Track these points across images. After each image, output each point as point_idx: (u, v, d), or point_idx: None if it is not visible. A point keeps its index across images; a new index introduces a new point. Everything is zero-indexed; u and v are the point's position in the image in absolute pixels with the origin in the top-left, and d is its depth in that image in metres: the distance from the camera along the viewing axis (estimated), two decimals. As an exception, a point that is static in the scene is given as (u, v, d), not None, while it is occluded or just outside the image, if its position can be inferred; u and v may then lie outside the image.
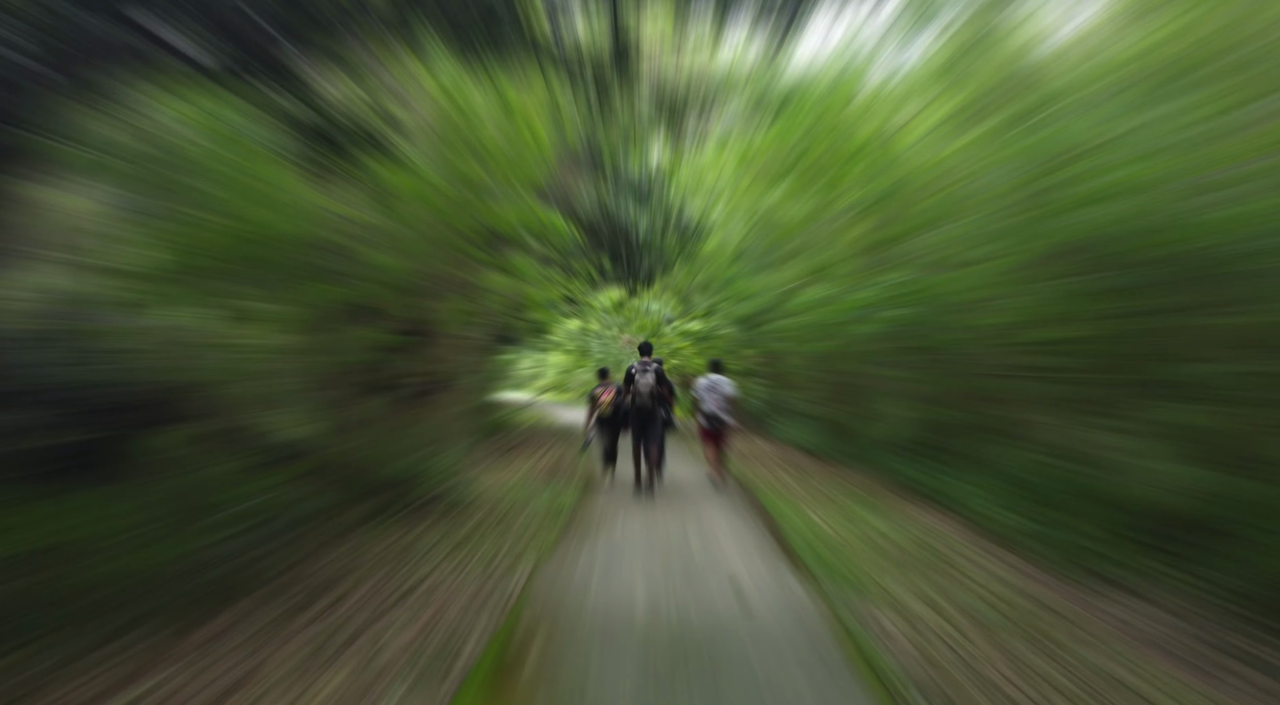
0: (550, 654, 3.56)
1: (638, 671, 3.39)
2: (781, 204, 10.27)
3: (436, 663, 3.52)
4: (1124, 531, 4.96)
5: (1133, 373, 6.30)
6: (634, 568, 5.05)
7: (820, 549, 5.50)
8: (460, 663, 3.53)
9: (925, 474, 7.69)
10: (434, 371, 6.45)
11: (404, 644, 3.83)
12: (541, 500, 7.64)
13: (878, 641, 3.82)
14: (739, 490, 8.17)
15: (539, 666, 3.44)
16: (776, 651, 3.57)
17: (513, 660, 3.51)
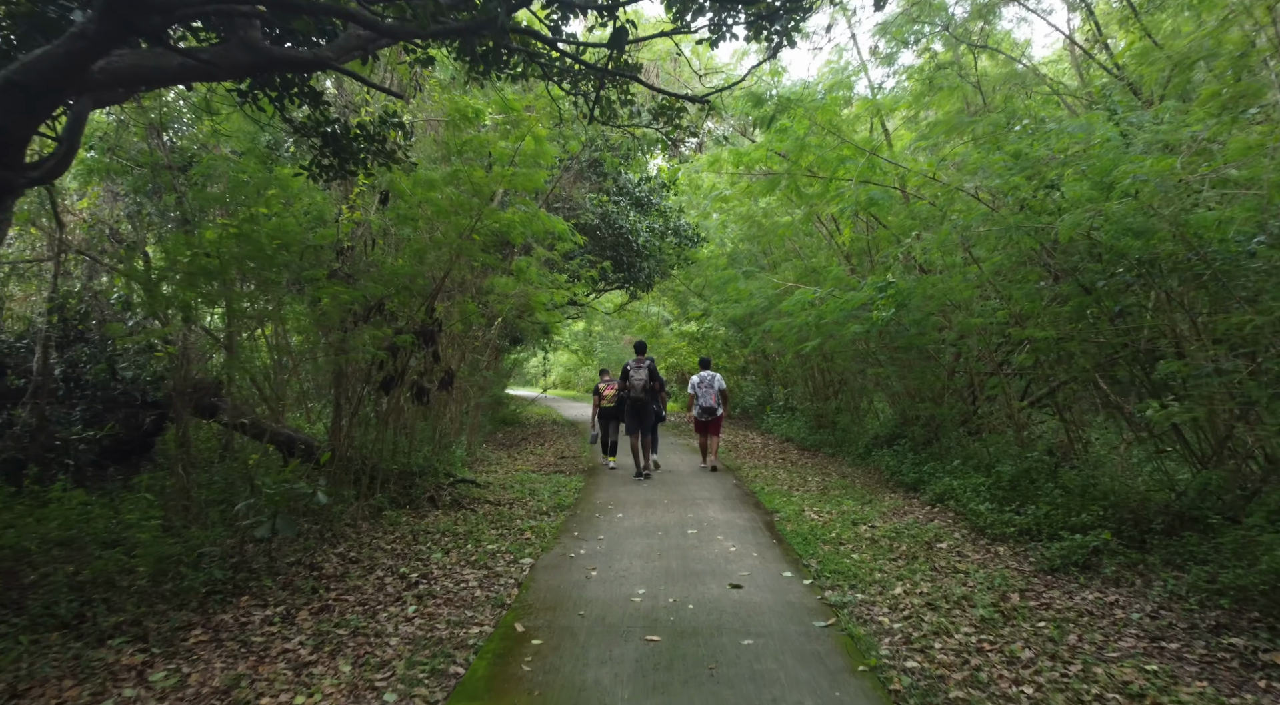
0: (546, 656, 3.18)
1: (636, 660, 3.02)
2: (774, 210, 9.88)
3: (437, 660, 3.15)
4: (1108, 525, 4.59)
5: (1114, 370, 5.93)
6: (633, 566, 4.67)
7: (815, 544, 5.13)
8: (461, 657, 3.16)
9: (911, 468, 7.31)
10: (443, 370, 6.07)
11: (404, 637, 3.46)
12: (545, 491, 7.26)
13: (866, 627, 3.45)
14: (735, 485, 7.79)
15: (536, 673, 3.06)
16: (776, 655, 3.20)
17: (512, 659, 3.14)
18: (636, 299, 17.64)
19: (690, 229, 12.67)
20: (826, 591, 4.13)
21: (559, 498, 6.96)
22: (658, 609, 3.82)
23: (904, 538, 5.29)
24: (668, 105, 5.39)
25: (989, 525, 5.30)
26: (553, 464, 9.44)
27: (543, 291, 7.44)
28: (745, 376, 16.65)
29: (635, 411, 8.16)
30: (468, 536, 5.51)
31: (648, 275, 13.53)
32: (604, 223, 10.95)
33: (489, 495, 7.13)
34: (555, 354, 37.79)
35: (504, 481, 7.95)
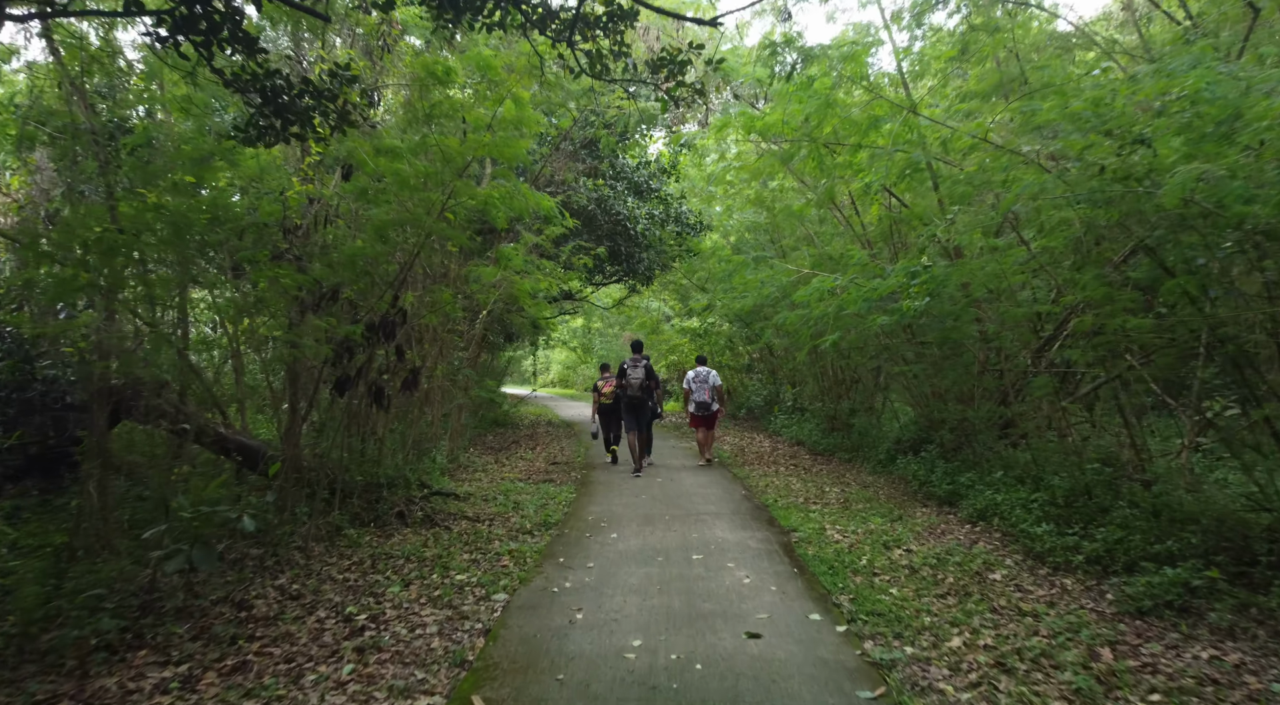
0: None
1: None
2: (784, 193, 9.05)
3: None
4: (1202, 554, 3.79)
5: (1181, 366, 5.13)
6: (628, 605, 3.88)
7: (844, 574, 4.32)
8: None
9: (943, 478, 6.50)
10: (408, 368, 5.29)
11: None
12: (531, 505, 6.47)
13: (925, 700, 2.66)
14: (744, 495, 6.99)
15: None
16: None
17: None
18: (636, 293, 16.83)
19: (692, 216, 11.86)
20: (866, 642, 3.32)
21: (546, 512, 6.16)
22: (657, 670, 3.03)
23: (948, 565, 4.49)
24: (669, 55, 4.58)
25: (1048, 551, 4.50)
26: (543, 471, 8.64)
27: (528, 279, 6.62)
28: (750, 375, 15.85)
29: (632, 409, 8.35)
30: (435, 563, 4.71)
31: (647, 267, 12.72)
32: (599, 208, 10.14)
33: (467, 509, 6.34)
34: (553, 352, 37.10)
35: (487, 491, 7.15)
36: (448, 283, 7.12)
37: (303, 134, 4.70)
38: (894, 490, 7.00)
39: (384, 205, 5.28)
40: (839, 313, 6.23)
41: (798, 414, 12.17)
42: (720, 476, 8.14)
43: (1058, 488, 5.15)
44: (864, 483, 7.47)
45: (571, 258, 8.60)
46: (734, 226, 11.28)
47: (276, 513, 5.04)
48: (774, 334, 7.26)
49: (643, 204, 10.99)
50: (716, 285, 11.24)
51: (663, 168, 12.01)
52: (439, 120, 5.46)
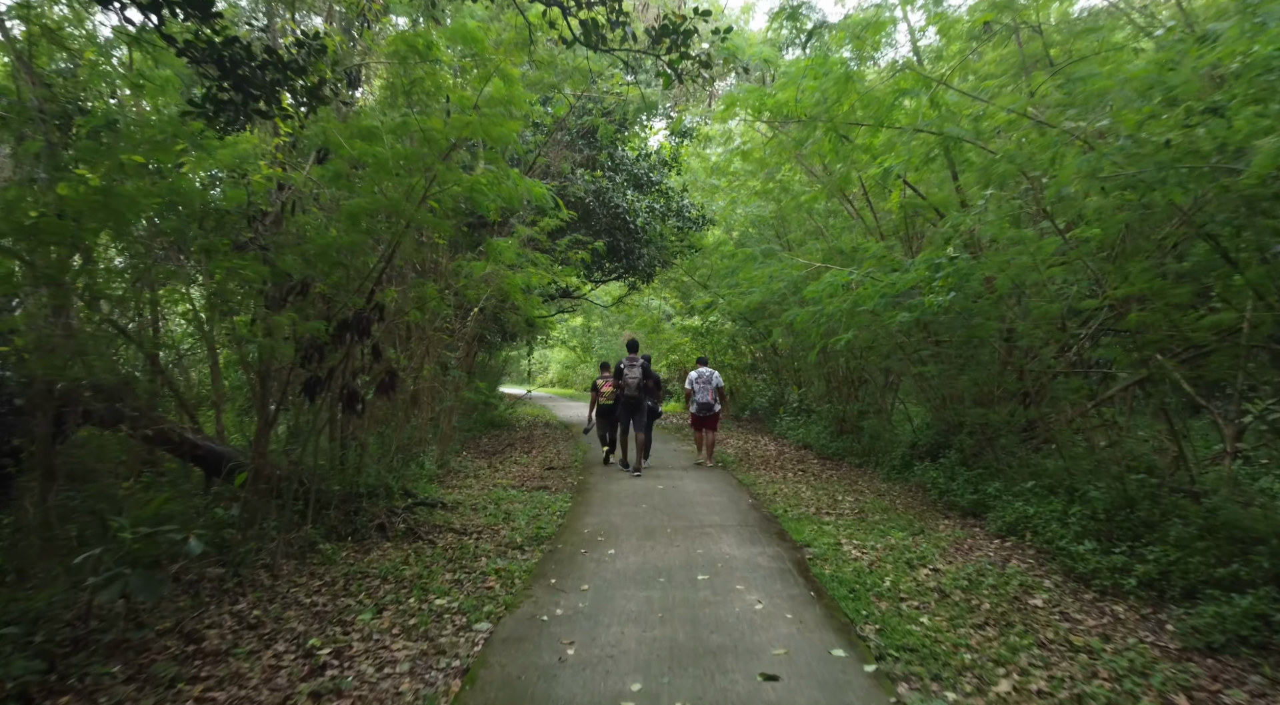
0: None
1: None
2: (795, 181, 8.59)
3: None
4: (1269, 579, 3.35)
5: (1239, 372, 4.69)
6: (626, 638, 3.44)
7: (867, 599, 3.89)
8: None
9: (966, 487, 6.06)
10: (384, 369, 4.85)
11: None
12: (523, 515, 6.03)
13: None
14: (750, 504, 6.55)
15: None
16: None
17: None
18: (636, 291, 16.40)
19: (694, 210, 11.41)
20: (901, 686, 2.89)
21: (538, 524, 5.72)
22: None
23: (981, 588, 4.05)
24: (672, 24, 4.14)
25: (1093, 572, 4.06)
26: (538, 477, 8.20)
27: (520, 274, 6.17)
28: (754, 375, 15.41)
29: (629, 409, 8.27)
30: (414, 584, 4.27)
31: (647, 263, 12.28)
32: (597, 200, 9.69)
33: (454, 520, 5.90)
34: (552, 351, 36.65)
35: (477, 500, 6.71)
36: (437, 278, 6.69)
37: (268, 111, 4.27)
38: (912, 499, 6.56)
39: (360, 191, 4.84)
40: (853, 309, 5.79)
41: (804, 415, 11.73)
42: (725, 483, 7.71)
43: (1096, 500, 4.71)
44: (878, 490, 7.03)
45: (568, 252, 8.16)
46: (738, 220, 10.83)
47: (241, 528, 4.60)
48: (783, 333, 6.81)
49: (643, 197, 10.55)
50: (720, 282, 10.81)
51: (663, 160, 11.57)
52: (421, 99, 5.02)
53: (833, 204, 8.44)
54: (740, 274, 8.35)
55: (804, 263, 6.94)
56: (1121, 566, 3.95)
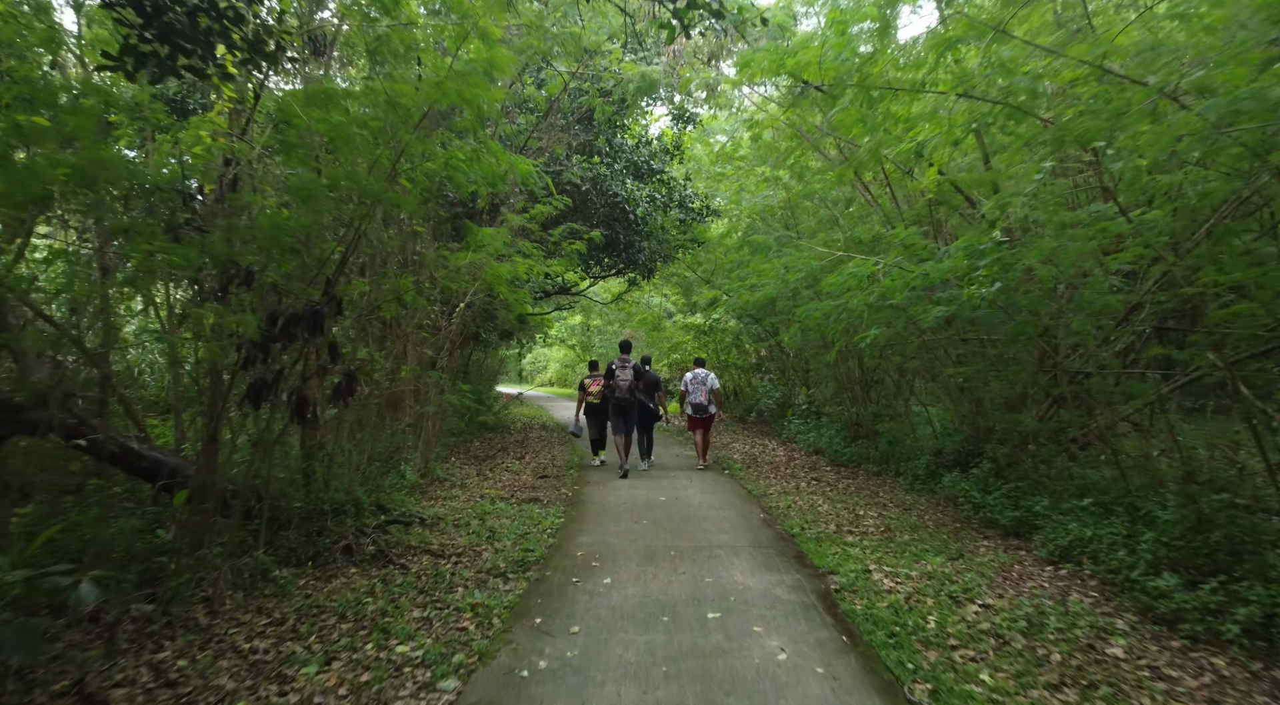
0: None
1: None
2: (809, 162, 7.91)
3: None
4: None
5: None
6: (623, 701, 2.81)
7: (911, 647, 3.25)
8: None
9: (1004, 502, 5.42)
10: (343, 371, 4.22)
11: None
12: (509, 533, 5.40)
13: None
14: (762, 519, 5.92)
15: None
16: None
17: None
18: (636, 288, 15.76)
19: (698, 200, 10.76)
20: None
21: (526, 545, 5.09)
22: None
23: (1045, 631, 3.42)
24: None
25: (1177, 613, 3.43)
26: (529, 486, 7.57)
27: (505, 264, 5.53)
28: (760, 375, 14.78)
29: (620, 411, 8.12)
30: (375, 624, 3.64)
31: (648, 258, 11.64)
32: (594, 188, 9.05)
33: (432, 539, 5.27)
34: (551, 350, 36.03)
35: (461, 514, 6.09)
36: (421, 270, 6.05)
37: (200, 67, 3.64)
38: (941, 515, 5.92)
39: (315, 166, 4.20)
40: (880, 303, 5.14)
41: (813, 418, 11.10)
42: (733, 494, 7.07)
43: (1165, 521, 4.07)
44: (903, 504, 6.39)
45: (562, 243, 7.52)
46: (744, 211, 10.18)
47: (175, 556, 3.97)
48: (798, 330, 6.15)
49: (643, 186, 9.91)
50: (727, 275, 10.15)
51: (665, 148, 10.93)
52: (388, 61, 4.38)
53: (847, 190, 7.80)
54: (750, 265, 7.69)
55: (824, 251, 6.28)
56: (1215, 607, 3.32)
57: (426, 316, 6.47)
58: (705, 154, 11.80)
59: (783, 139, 8.12)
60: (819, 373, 12.58)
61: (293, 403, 3.78)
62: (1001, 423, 6.18)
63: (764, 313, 11.85)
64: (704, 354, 17.29)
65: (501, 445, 11.29)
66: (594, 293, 19.23)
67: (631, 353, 8.31)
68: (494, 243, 5.38)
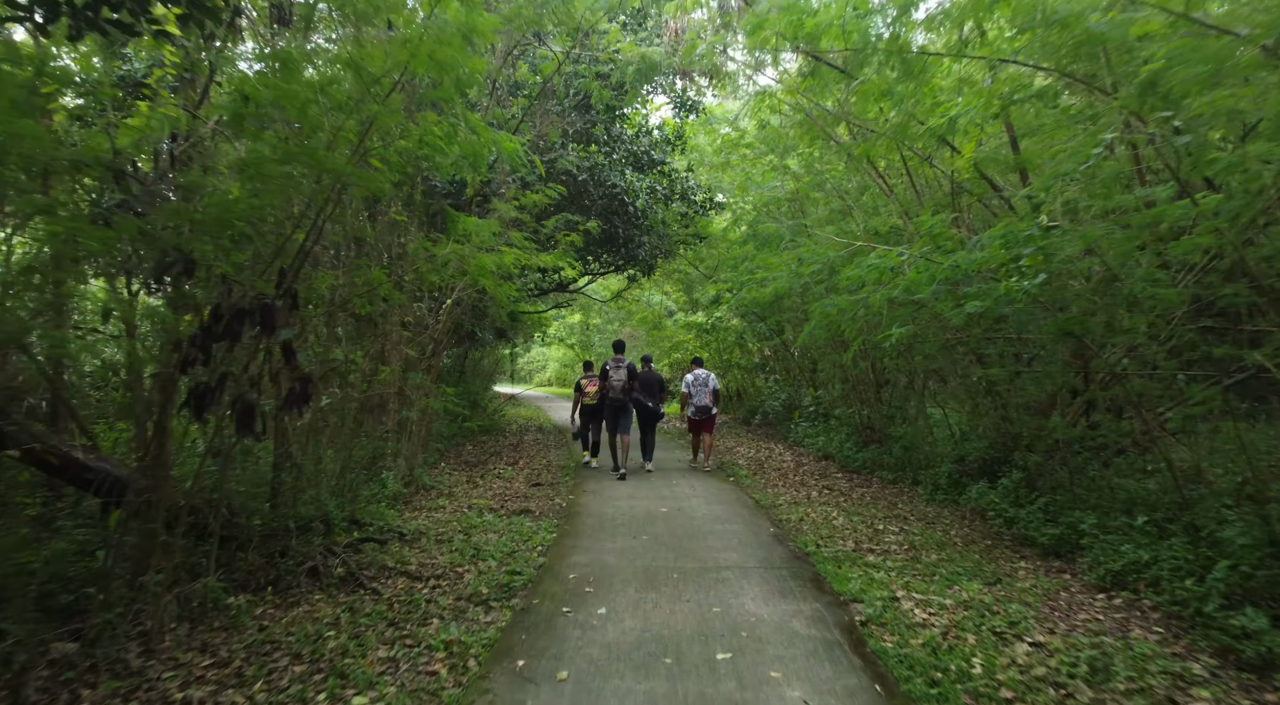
0: None
1: None
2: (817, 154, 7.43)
3: None
4: None
5: None
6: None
7: (958, 701, 2.76)
8: None
9: (1039, 516, 4.93)
10: (298, 375, 3.73)
11: None
12: (496, 552, 4.91)
13: None
14: (773, 534, 5.43)
15: None
16: None
17: None
18: (635, 284, 15.27)
19: (701, 192, 10.26)
20: None
21: (513, 566, 4.60)
22: None
23: (1114, 679, 2.93)
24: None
25: (1268, 658, 2.93)
26: (521, 495, 7.08)
27: (491, 255, 5.04)
28: (765, 375, 14.28)
29: (615, 411, 8.13)
30: (332, 666, 3.16)
31: (649, 253, 11.16)
32: (591, 178, 8.55)
33: (410, 559, 4.79)
34: (550, 349, 35.51)
35: (444, 528, 5.61)
36: (402, 262, 5.56)
37: (129, 23, 3.16)
38: (969, 530, 5.43)
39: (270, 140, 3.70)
40: (903, 298, 4.65)
41: (821, 421, 10.60)
42: (739, 504, 6.59)
43: (1239, 545, 3.58)
44: (925, 517, 5.90)
45: (557, 235, 7.02)
46: (751, 200, 9.67)
47: (108, 582, 3.48)
48: (815, 328, 5.63)
49: (643, 177, 9.41)
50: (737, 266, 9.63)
51: (666, 138, 10.43)
52: (354, 24, 3.89)
53: (860, 179, 7.30)
54: (757, 259, 7.18)
55: (841, 240, 5.77)
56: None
57: (409, 313, 5.98)
58: (709, 144, 11.30)
59: (791, 126, 7.62)
60: (827, 373, 12.09)
61: (235, 410, 3.28)
62: (1030, 428, 5.69)
63: (769, 310, 11.37)
64: (705, 354, 16.83)
65: (495, 449, 10.80)
66: (592, 290, 18.75)
67: (626, 352, 8.27)
68: (480, 232, 4.89)
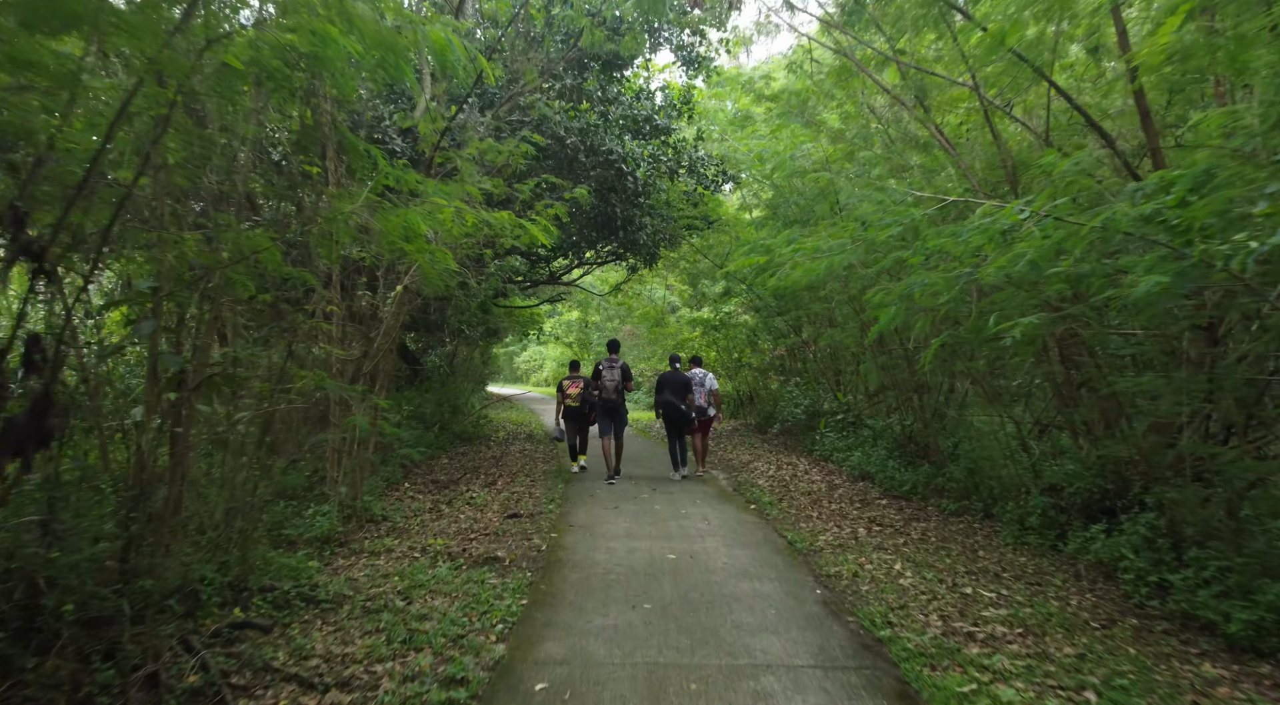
0: None
1: None
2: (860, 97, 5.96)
3: None
4: None
5: None
6: None
7: None
8: None
9: (1208, 587, 3.49)
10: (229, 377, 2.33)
11: None
12: (436, 634, 3.48)
13: None
14: (814, 586, 3.99)
15: None
16: None
17: None
18: (635, 275, 13.82)
19: (712, 165, 8.81)
20: None
21: (455, 666, 3.15)
22: None
23: None
24: None
25: None
26: (492, 533, 5.65)
27: (412, 208, 3.56)
28: (784, 377, 12.84)
29: (608, 413, 7.95)
30: None
31: (650, 237, 9.71)
32: (583, 143, 7.11)
33: (312, 647, 3.35)
34: (547, 347, 34.04)
35: (379, 586, 4.19)
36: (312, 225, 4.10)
37: None
38: (1096, 598, 3.97)
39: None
40: (1026, 273, 3.20)
41: (852, 431, 9.15)
42: (768, 545, 5.16)
43: None
44: (1022, 572, 4.44)
45: (535, 203, 5.55)
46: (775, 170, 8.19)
47: None
48: (899, 313, 4.14)
49: (645, 145, 7.96)
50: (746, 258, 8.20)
51: (671, 103, 8.98)
52: None
53: (923, 133, 5.84)
54: (781, 238, 5.64)
55: (932, 196, 4.25)
56: None
57: (333, 301, 4.56)
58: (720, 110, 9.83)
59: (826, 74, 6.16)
60: (851, 376, 10.66)
61: None
62: (1145, 451, 4.25)
63: (790, 303, 9.94)
64: (713, 353, 15.43)
65: (474, 463, 9.36)
66: (589, 284, 17.31)
67: (625, 352, 7.29)
68: (406, 179, 3.45)
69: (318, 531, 5.04)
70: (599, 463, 8.52)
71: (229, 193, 3.25)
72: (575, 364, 8.68)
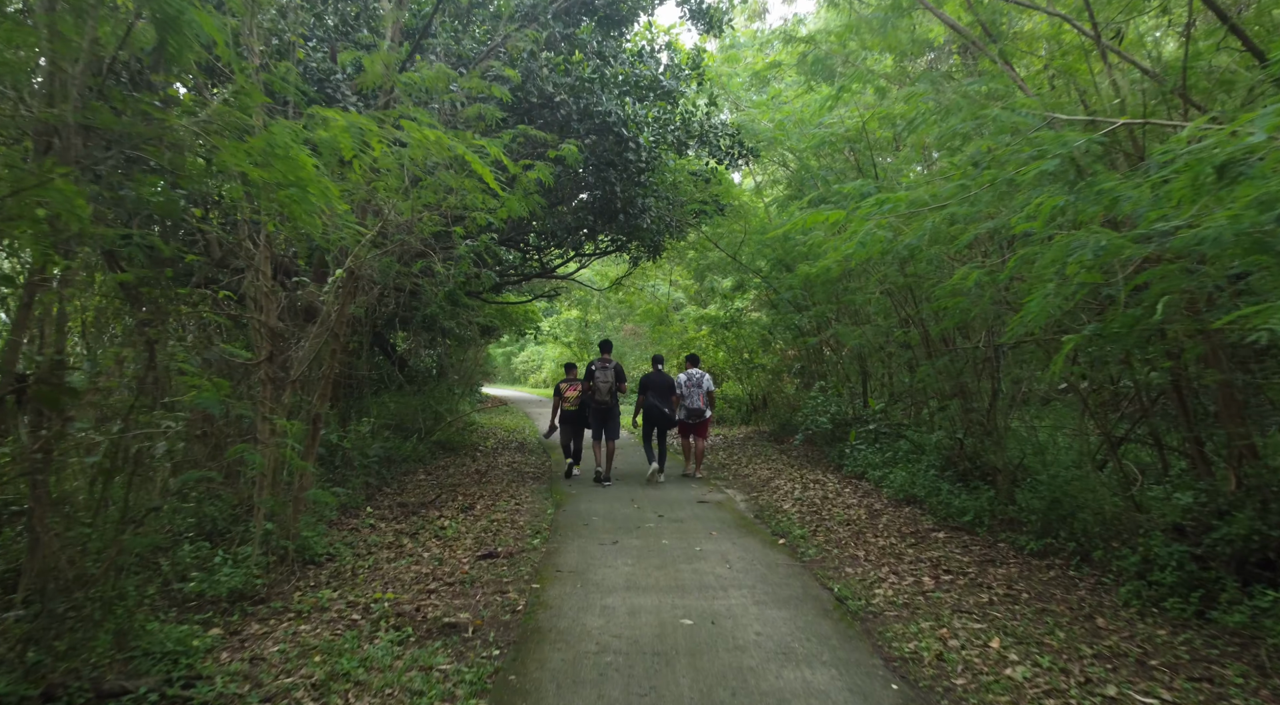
0: None
1: None
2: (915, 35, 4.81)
3: None
4: None
5: None
6: None
7: None
8: None
9: None
10: None
11: None
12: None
13: None
14: (887, 681, 2.84)
15: None
16: None
17: None
18: (638, 267, 12.64)
19: (726, 136, 7.64)
20: None
21: None
22: None
23: None
24: None
25: None
26: (458, 581, 4.49)
27: (281, 124, 2.38)
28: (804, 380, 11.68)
29: (600, 416, 7.76)
30: None
31: (654, 223, 8.55)
32: (574, 102, 5.94)
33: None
34: (545, 347, 32.85)
35: (285, 673, 3.04)
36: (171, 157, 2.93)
37: None
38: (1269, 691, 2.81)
39: None
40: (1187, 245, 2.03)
41: (887, 443, 7.97)
42: (811, 602, 4.00)
43: None
44: (1175, 659, 3.25)
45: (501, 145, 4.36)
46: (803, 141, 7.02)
47: None
48: (978, 302, 2.98)
49: (647, 108, 6.79)
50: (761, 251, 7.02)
51: (677, 65, 7.82)
52: None
53: (989, 87, 4.67)
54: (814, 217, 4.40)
55: (1085, 118, 3.06)
56: None
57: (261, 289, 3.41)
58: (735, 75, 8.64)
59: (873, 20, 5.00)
60: (880, 379, 9.50)
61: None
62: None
63: (816, 297, 8.79)
64: (721, 353, 14.30)
65: (453, 479, 8.20)
66: (587, 278, 16.16)
67: (624, 352, 6.29)
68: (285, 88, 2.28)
69: (225, 587, 3.89)
70: (593, 467, 8.18)
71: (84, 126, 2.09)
72: (572, 366, 8.38)
